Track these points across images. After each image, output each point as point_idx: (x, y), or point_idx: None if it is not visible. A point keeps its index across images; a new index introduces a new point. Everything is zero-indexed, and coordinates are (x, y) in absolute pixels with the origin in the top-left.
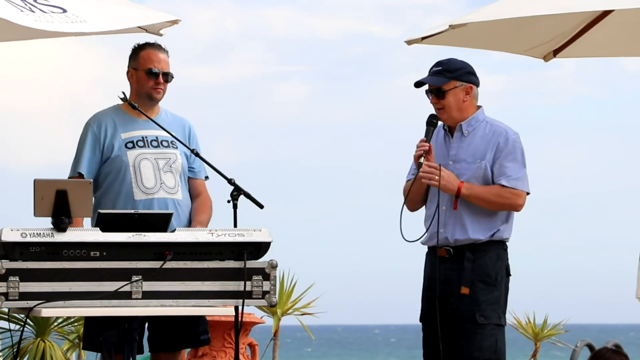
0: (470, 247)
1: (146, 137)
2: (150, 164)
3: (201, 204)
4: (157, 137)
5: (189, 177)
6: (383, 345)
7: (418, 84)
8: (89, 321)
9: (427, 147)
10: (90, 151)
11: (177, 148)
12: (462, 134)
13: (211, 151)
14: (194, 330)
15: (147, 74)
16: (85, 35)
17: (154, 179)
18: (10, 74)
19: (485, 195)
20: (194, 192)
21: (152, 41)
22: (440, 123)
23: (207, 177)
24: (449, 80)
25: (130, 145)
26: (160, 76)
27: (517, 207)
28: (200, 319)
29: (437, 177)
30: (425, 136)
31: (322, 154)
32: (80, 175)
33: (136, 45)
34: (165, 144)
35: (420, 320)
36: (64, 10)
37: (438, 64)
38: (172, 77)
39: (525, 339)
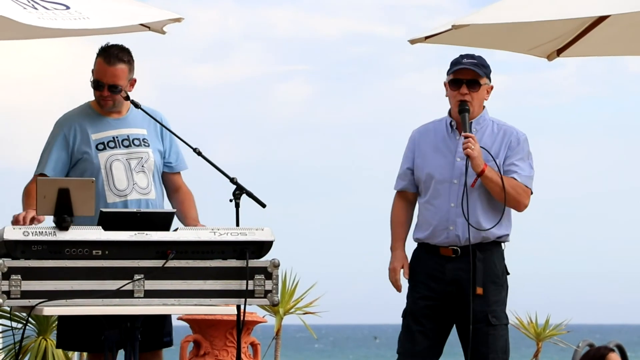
0: (478, 246)
1: (117, 137)
2: (122, 165)
3: (186, 199)
4: (128, 136)
5: (165, 172)
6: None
7: (459, 72)
8: (63, 320)
9: (473, 149)
10: (57, 152)
11: (148, 146)
12: (471, 131)
13: (213, 150)
14: (158, 331)
15: (93, 84)
16: (88, 34)
17: (126, 180)
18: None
19: (499, 181)
20: (172, 186)
21: (110, 45)
22: (439, 118)
23: (185, 169)
24: (484, 75)
25: (101, 146)
26: (106, 89)
27: (523, 207)
28: (166, 320)
29: (472, 147)
30: (464, 126)
31: (324, 154)
32: (43, 176)
33: (99, 47)
34: (137, 142)
35: (406, 318)
36: (67, 7)
37: (470, 56)
38: (125, 87)
39: (527, 339)
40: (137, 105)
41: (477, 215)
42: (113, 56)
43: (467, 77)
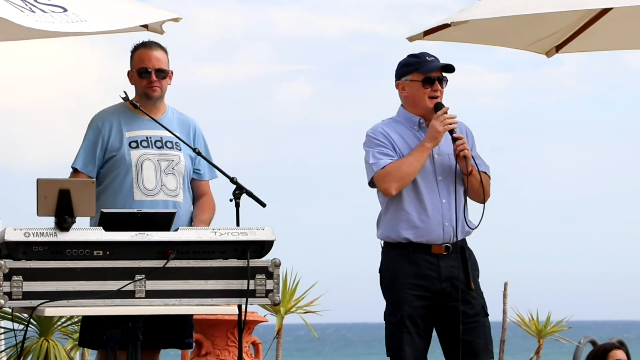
0: (463, 242)
1: (150, 138)
2: (153, 165)
3: (204, 203)
4: (161, 138)
5: (193, 179)
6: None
7: (449, 69)
8: (86, 319)
9: (457, 120)
10: (89, 148)
11: (181, 150)
12: None
13: (216, 150)
14: (181, 332)
15: (139, 74)
16: (88, 34)
17: (155, 180)
18: (14, 73)
19: (485, 179)
20: (198, 192)
21: (146, 40)
22: (389, 118)
23: (213, 178)
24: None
25: (134, 144)
26: (153, 74)
27: (488, 198)
28: (188, 322)
29: (467, 146)
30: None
31: (327, 153)
32: (74, 171)
33: (132, 47)
34: (169, 145)
35: (402, 321)
36: (65, 10)
37: (428, 54)
38: (169, 74)
39: (529, 336)
40: (135, 106)
41: (466, 210)
42: (153, 44)
43: (437, 74)
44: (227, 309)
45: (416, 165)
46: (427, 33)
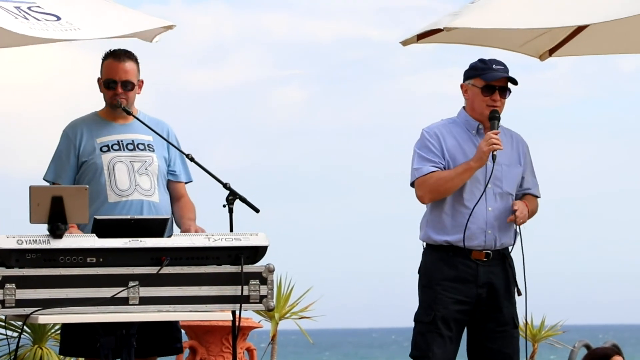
0: (506, 251)
1: (122, 141)
2: (125, 167)
3: (186, 203)
4: (133, 141)
5: (169, 180)
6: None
7: (510, 80)
8: (67, 327)
9: (501, 145)
10: (59, 158)
11: (153, 151)
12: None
13: (210, 155)
14: (170, 338)
15: (105, 85)
16: (77, 40)
17: (129, 181)
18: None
19: (534, 211)
20: (175, 195)
21: (115, 48)
22: (449, 118)
23: (190, 181)
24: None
25: (105, 149)
26: (119, 86)
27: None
28: (174, 327)
29: (526, 216)
30: (495, 130)
31: (320, 157)
32: (47, 182)
33: (103, 54)
34: (141, 147)
35: (433, 322)
36: (58, 18)
37: (499, 62)
38: (138, 84)
39: (523, 340)
40: (129, 113)
41: (508, 223)
42: (122, 54)
43: (500, 84)
44: (221, 315)
45: (456, 182)
46: (421, 37)
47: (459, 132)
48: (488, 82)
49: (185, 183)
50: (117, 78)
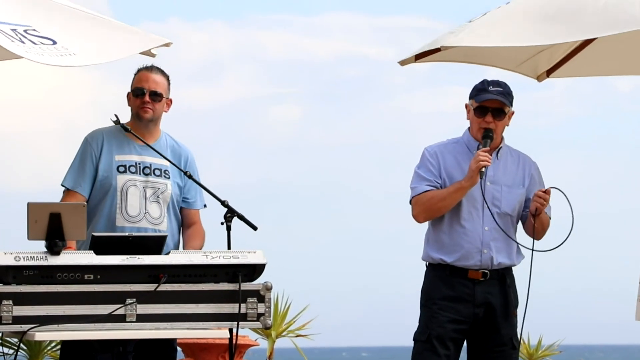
0: (506, 270)
1: (139, 164)
2: (138, 192)
3: (195, 231)
4: (150, 165)
5: (182, 207)
6: None
7: (486, 101)
8: (67, 344)
9: (490, 161)
10: (78, 165)
11: (169, 178)
12: (497, 157)
13: (205, 172)
14: (167, 356)
15: (133, 93)
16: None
17: (139, 207)
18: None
19: (546, 222)
20: (188, 221)
21: (149, 64)
22: (453, 138)
23: (205, 206)
24: (508, 104)
25: (122, 169)
26: (147, 95)
27: (541, 238)
28: (170, 346)
29: (546, 203)
30: (485, 147)
31: (316, 174)
32: (66, 189)
33: (136, 69)
34: (157, 172)
35: (429, 341)
36: (54, 42)
37: (496, 83)
38: (167, 100)
39: None
40: (137, 137)
41: (508, 242)
42: (155, 68)
43: (493, 105)
44: (218, 333)
45: (449, 201)
46: (419, 57)
47: (460, 151)
48: (480, 103)
49: (200, 209)
50: (146, 87)
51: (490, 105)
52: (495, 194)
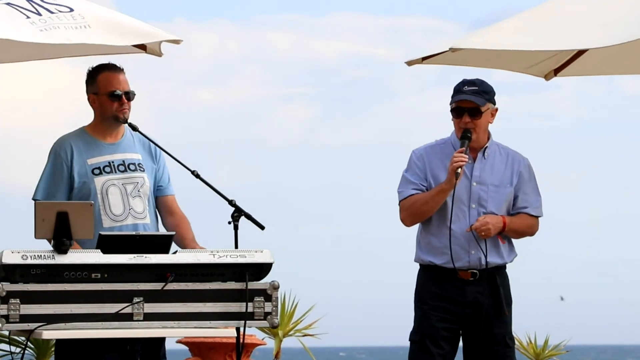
0: (496, 269)
1: (113, 162)
2: (118, 190)
3: (181, 220)
4: (123, 161)
5: (157, 196)
6: None
7: (460, 101)
8: (61, 343)
9: (466, 160)
10: (50, 177)
11: (144, 171)
12: (484, 156)
13: (213, 172)
14: (155, 354)
15: (109, 97)
16: (86, 53)
17: (122, 205)
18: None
19: (522, 229)
20: (167, 209)
21: (106, 62)
22: (441, 139)
23: (174, 193)
24: (486, 102)
25: (97, 171)
26: (123, 96)
27: (533, 234)
28: (162, 343)
29: (491, 229)
30: (461, 148)
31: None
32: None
33: (90, 69)
34: (132, 167)
35: (421, 341)
36: (71, 10)
37: (471, 83)
38: (134, 95)
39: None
40: (134, 128)
41: (497, 242)
42: (116, 66)
43: (468, 105)
44: (225, 332)
45: (431, 204)
46: (426, 58)
47: (448, 152)
48: (456, 104)
49: (174, 194)
50: (120, 89)
51: (465, 105)
52: (481, 194)
